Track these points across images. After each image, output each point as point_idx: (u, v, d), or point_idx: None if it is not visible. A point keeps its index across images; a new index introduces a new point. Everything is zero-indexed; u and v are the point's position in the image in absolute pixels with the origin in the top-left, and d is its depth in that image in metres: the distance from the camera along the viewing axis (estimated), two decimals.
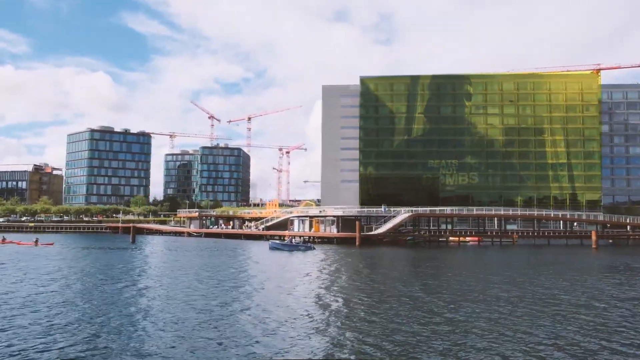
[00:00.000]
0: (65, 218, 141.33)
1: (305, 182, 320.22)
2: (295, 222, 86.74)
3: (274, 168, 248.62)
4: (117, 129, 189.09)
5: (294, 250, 60.60)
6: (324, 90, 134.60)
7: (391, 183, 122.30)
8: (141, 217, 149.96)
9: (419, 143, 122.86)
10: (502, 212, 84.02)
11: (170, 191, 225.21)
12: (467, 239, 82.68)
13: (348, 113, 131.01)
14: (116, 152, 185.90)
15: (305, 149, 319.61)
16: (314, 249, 63.77)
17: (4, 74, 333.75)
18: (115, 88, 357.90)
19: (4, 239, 78.38)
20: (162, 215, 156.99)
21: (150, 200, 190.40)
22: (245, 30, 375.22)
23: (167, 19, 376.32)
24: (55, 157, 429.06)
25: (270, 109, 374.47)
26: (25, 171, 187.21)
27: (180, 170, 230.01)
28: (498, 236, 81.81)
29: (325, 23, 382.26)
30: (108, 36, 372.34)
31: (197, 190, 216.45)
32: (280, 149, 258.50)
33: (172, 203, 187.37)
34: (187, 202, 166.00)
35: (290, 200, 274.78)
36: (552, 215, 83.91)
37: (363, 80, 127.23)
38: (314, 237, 78.55)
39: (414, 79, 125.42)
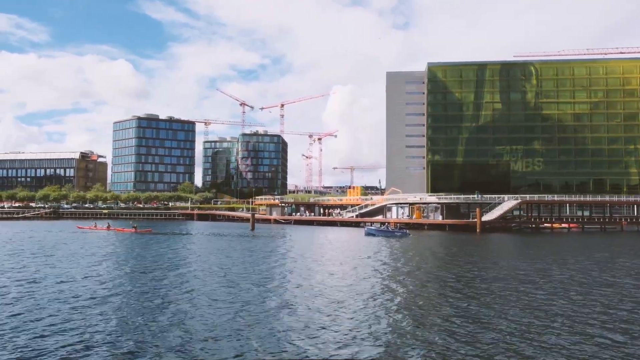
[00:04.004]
0: (122, 205, 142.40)
1: (334, 168, 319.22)
2: (394, 209, 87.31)
3: (303, 155, 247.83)
4: (162, 117, 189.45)
5: (389, 236, 60.82)
6: (388, 77, 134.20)
7: (460, 170, 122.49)
8: (197, 205, 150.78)
9: (489, 130, 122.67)
10: (607, 199, 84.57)
11: (208, 178, 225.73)
12: (569, 225, 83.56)
13: (413, 100, 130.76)
14: (162, 139, 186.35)
15: (336, 136, 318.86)
16: (409, 235, 63.74)
17: (27, 63, 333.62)
18: (136, 75, 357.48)
19: (109, 226, 79.53)
20: (219, 202, 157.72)
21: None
22: (261, 16, 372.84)
23: (184, 6, 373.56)
24: (77, 144, 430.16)
25: (304, 94, 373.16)
26: (72, 159, 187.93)
27: (219, 158, 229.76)
28: (604, 222, 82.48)
29: (341, 7, 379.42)
30: (125, 24, 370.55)
31: (236, 177, 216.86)
32: (311, 136, 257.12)
33: (217, 190, 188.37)
34: (238, 189, 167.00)
35: (323, 187, 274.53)
36: None
37: (430, 67, 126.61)
38: (422, 224, 79.00)
39: (482, 66, 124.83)
